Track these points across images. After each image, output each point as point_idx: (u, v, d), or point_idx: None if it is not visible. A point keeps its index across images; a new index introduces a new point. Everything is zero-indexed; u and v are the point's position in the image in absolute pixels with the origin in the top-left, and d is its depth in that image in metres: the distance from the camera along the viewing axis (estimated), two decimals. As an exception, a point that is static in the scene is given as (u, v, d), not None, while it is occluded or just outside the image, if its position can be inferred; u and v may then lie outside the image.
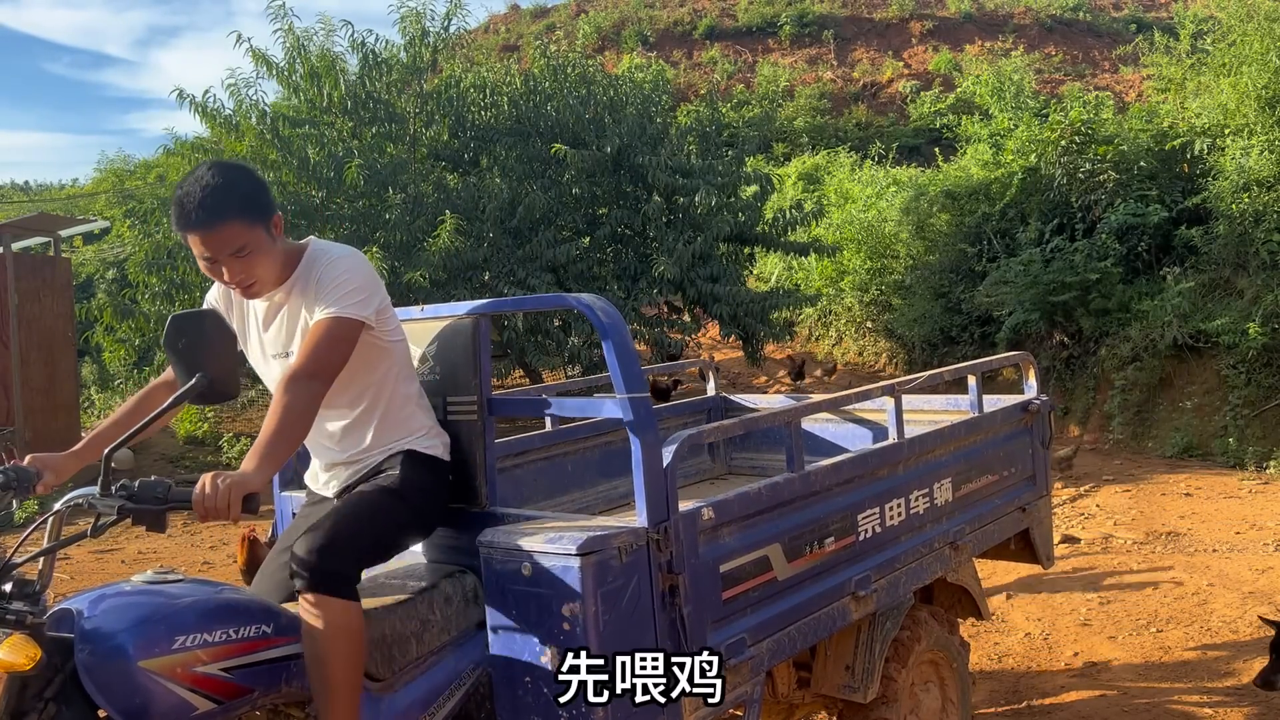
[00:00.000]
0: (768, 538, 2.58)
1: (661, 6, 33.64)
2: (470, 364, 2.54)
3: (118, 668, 1.87)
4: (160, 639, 1.91)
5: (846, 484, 2.84)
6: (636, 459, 2.28)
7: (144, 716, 1.87)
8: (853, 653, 2.92)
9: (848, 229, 15.76)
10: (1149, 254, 11.41)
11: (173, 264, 11.36)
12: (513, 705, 2.27)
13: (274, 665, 2.06)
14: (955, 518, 3.25)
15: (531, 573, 2.18)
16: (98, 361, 16.43)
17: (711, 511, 2.42)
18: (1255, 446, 9.17)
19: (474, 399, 2.51)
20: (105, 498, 1.87)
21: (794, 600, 2.65)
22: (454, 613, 2.39)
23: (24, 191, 36.80)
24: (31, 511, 9.51)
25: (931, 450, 3.16)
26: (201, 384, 1.92)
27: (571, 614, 2.14)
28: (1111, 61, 28.73)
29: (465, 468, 2.52)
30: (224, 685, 1.97)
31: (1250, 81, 10.53)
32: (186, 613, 1.98)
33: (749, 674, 2.49)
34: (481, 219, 11.17)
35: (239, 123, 11.77)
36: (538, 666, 2.20)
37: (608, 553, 2.17)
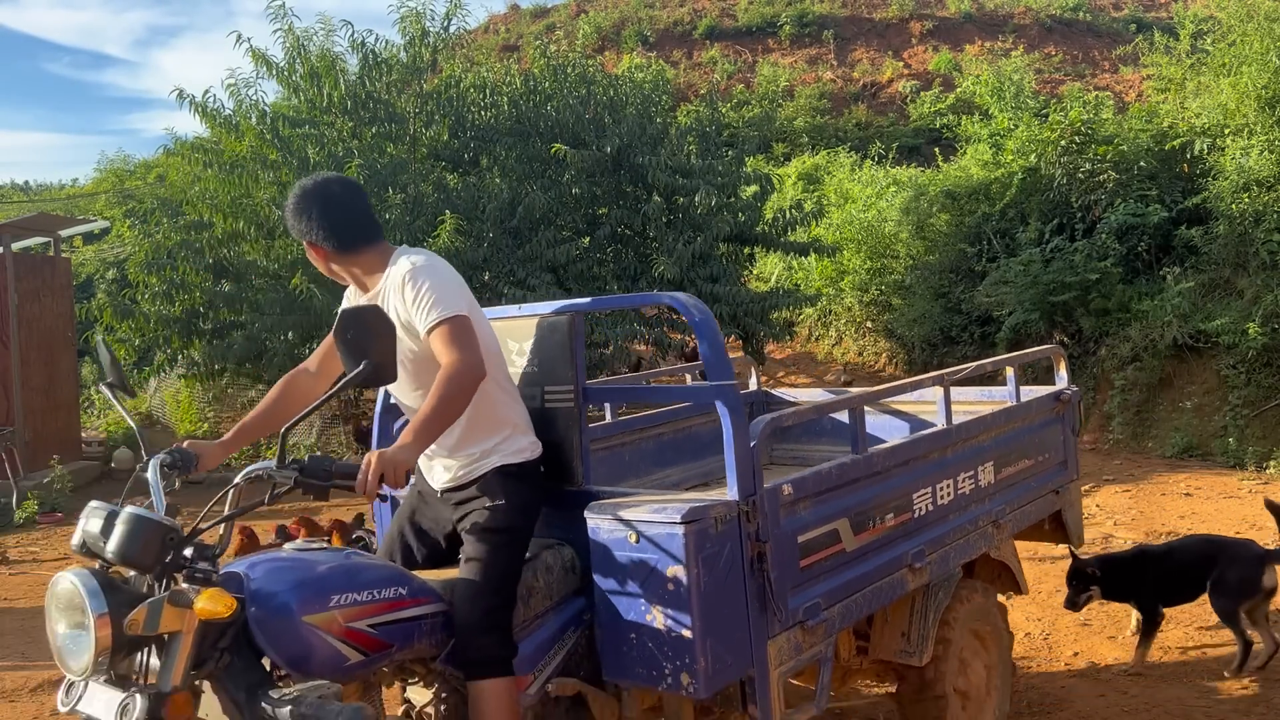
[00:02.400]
0: (837, 512, 2.84)
1: (661, 6, 33.63)
2: (567, 357, 2.81)
3: (284, 622, 2.14)
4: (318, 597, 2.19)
5: (903, 465, 3.11)
6: (728, 439, 2.52)
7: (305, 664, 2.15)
8: (908, 621, 3.18)
9: (848, 229, 15.76)
10: (1149, 254, 11.41)
11: (172, 264, 11.36)
12: (618, 658, 2.52)
13: (409, 624, 2.34)
14: (997, 498, 3.53)
15: (638, 540, 2.44)
16: (98, 361, 16.41)
17: (791, 488, 2.67)
18: (1255, 446, 9.17)
19: (570, 388, 2.78)
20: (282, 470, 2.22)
21: (860, 570, 2.91)
22: (555, 581, 2.66)
23: (24, 191, 36.80)
24: (31, 514, 9.51)
25: (976, 436, 3.44)
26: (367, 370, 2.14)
27: (675, 576, 2.39)
28: (1111, 61, 28.72)
29: (562, 450, 2.76)
30: (369, 640, 2.25)
31: (1250, 81, 10.53)
32: (338, 575, 2.27)
33: (823, 635, 2.74)
34: (481, 219, 11.17)
35: (239, 123, 11.77)
36: (643, 625, 2.44)
37: (706, 522, 2.42)
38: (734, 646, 2.46)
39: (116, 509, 2.12)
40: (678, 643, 2.39)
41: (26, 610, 6.19)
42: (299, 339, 11.35)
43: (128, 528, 2.05)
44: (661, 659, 2.42)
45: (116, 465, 11.78)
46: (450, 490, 2.65)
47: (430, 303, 2.47)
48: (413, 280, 2.51)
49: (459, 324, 2.47)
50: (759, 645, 2.53)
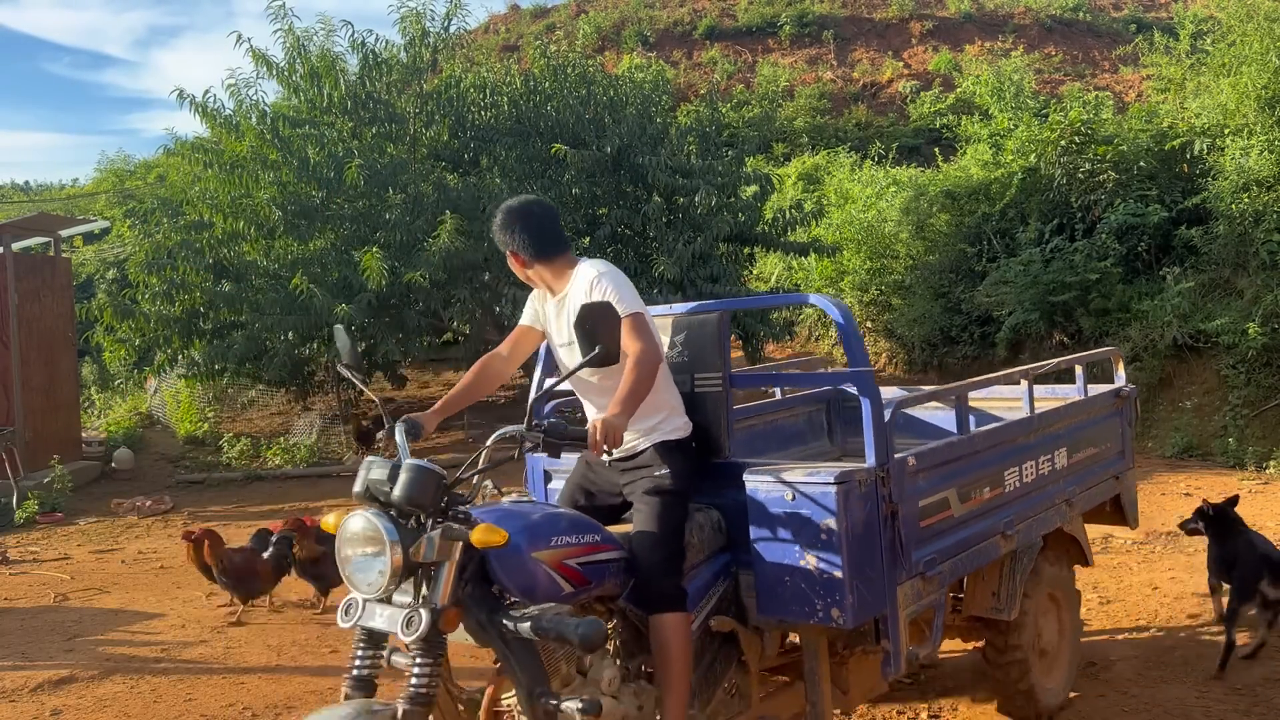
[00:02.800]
0: (947, 483, 3.34)
1: (661, 6, 33.62)
2: (716, 348, 3.27)
3: (516, 558, 2.57)
4: (541, 538, 2.64)
5: (997, 446, 3.62)
6: (867, 416, 3.02)
7: (532, 593, 2.58)
8: (999, 582, 3.67)
9: (847, 229, 15.75)
10: (1149, 254, 11.41)
11: (173, 264, 11.36)
12: (774, 598, 2.97)
13: (602, 565, 2.78)
14: (1068, 480, 4.02)
15: (794, 498, 2.91)
16: (98, 361, 16.42)
17: (914, 460, 3.16)
18: (1255, 446, 9.17)
19: (719, 375, 3.24)
20: (530, 432, 2.60)
21: (965, 533, 3.41)
22: (706, 538, 3.09)
23: (24, 191, 36.79)
24: (31, 514, 9.51)
25: (1052, 425, 3.93)
26: (601, 353, 2.59)
27: (828, 527, 2.85)
28: (1111, 61, 28.72)
29: (711, 428, 3.19)
30: (577, 575, 2.69)
31: (1250, 81, 10.53)
32: (553, 521, 2.74)
33: (937, 585, 3.26)
34: (481, 219, 11.17)
35: (239, 123, 11.77)
36: (797, 568, 2.91)
37: (853, 483, 2.90)
38: (873, 588, 2.95)
39: (398, 462, 2.56)
40: (829, 583, 2.86)
41: (27, 610, 6.19)
42: (299, 339, 11.35)
43: (411, 475, 2.50)
44: (814, 597, 2.89)
45: (117, 465, 11.77)
46: (620, 460, 3.09)
47: (616, 299, 2.88)
48: (599, 282, 2.95)
49: (641, 318, 2.92)
50: (890, 589, 3.02)
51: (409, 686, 2.50)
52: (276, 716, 4.29)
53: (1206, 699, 4.05)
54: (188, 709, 4.42)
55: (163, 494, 10.46)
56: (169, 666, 5.03)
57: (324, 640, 5.35)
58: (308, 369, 13.01)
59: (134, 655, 5.23)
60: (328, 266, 11.04)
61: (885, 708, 4.14)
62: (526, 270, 3.13)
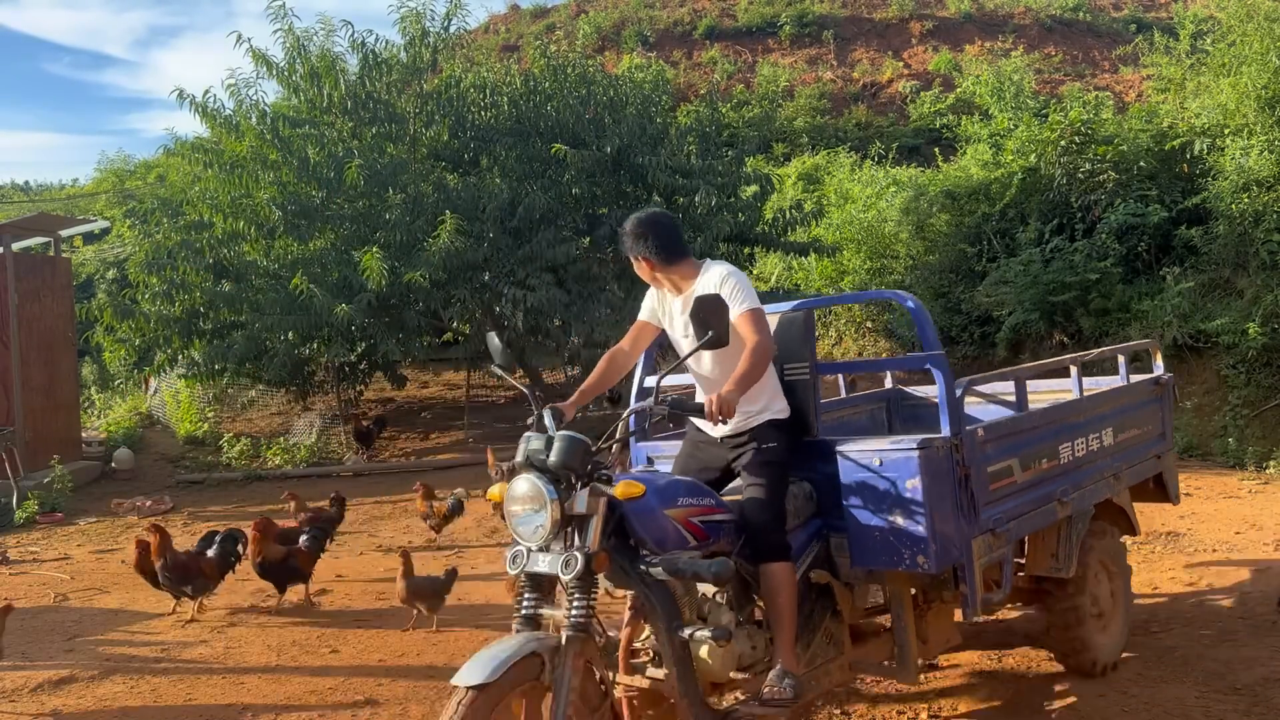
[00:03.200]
0: (1011, 453, 3.81)
1: (661, 6, 33.61)
2: (804, 341, 3.77)
3: (651, 514, 3.06)
4: (671, 498, 3.13)
5: (1051, 423, 4.09)
6: (941, 393, 3.55)
7: (663, 543, 3.06)
8: (1056, 544, 4.11)
9: (848, 229, 15.74)
10: (1149, 254, 11.41)
11: (173, 264, 11.36)
12: (866, 550, 3.43)
13: (717, 524, 3.26)
14: (1115, 457, 4.49)
15: (881, 463, 3.37)
16: (98, 361, 16.42)
17: (982, 431, 3.67)
18: (1255, 446, 9.17)
19: (807, 365, 3.72)
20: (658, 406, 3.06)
21: (1027, 498, 3.88)
22: (800, 506, 3.55)
23: (24, 191, 36.78)
24: (31, 514, 9.51)
25: (1098, 406, 4.43)
26: (714, 338, 3.04)
27: (912, 487, 3.31)
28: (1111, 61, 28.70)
29: (801, 411, 3.64)
30: (699, 530, 3.17)
31: (1250, 81, 10.53)
32: (679, 485, 3.24)
33: (1005, 541, 3.70)
34: (481, 219, 11.16)
35: (239, 123, 11.77)
36: (886, 524, 3.37)
37: (932, 450, 3.36)
38: (951, 540, 3.40)
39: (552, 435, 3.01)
40: (914, 536, 3.32)
41: (27, 610, 6.19)
42: (299, 339, 11.35)
43: (564, 444, 2.96)
44: (902, 548, 3.35)
45: (117, 465, 11.77)
46: (729, 438, 3.55)
47: (741, 296, 3.38)
48: (727, 280, 3.44)
49: (759, 313, 3.38)
50: (966, 541, 3.49)
51: (570, 619, 2.89)
52: (276, 716, 4.29)
53: (1206, 699, 4.04)
54: (188, 709, 4.42)
55: (163, 494, 10.46)
56: (169, 666, 5.03)
57: (324, 640, 5.35)
58: (308, 369, 13.01)
59: (134, 655, 5.23)
60: (328, 266, 11.04)
61: (885, 708, 4.14)
62: (654, 273, 3.59)
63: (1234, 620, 4.95)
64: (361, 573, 6.85)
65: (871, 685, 4.41)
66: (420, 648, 5.15)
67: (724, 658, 3.21)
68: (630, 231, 3.56)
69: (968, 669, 4.60)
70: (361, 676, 4.72)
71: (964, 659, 4.71)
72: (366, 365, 13.11)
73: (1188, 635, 4.80)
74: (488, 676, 2.67)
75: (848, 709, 4.16)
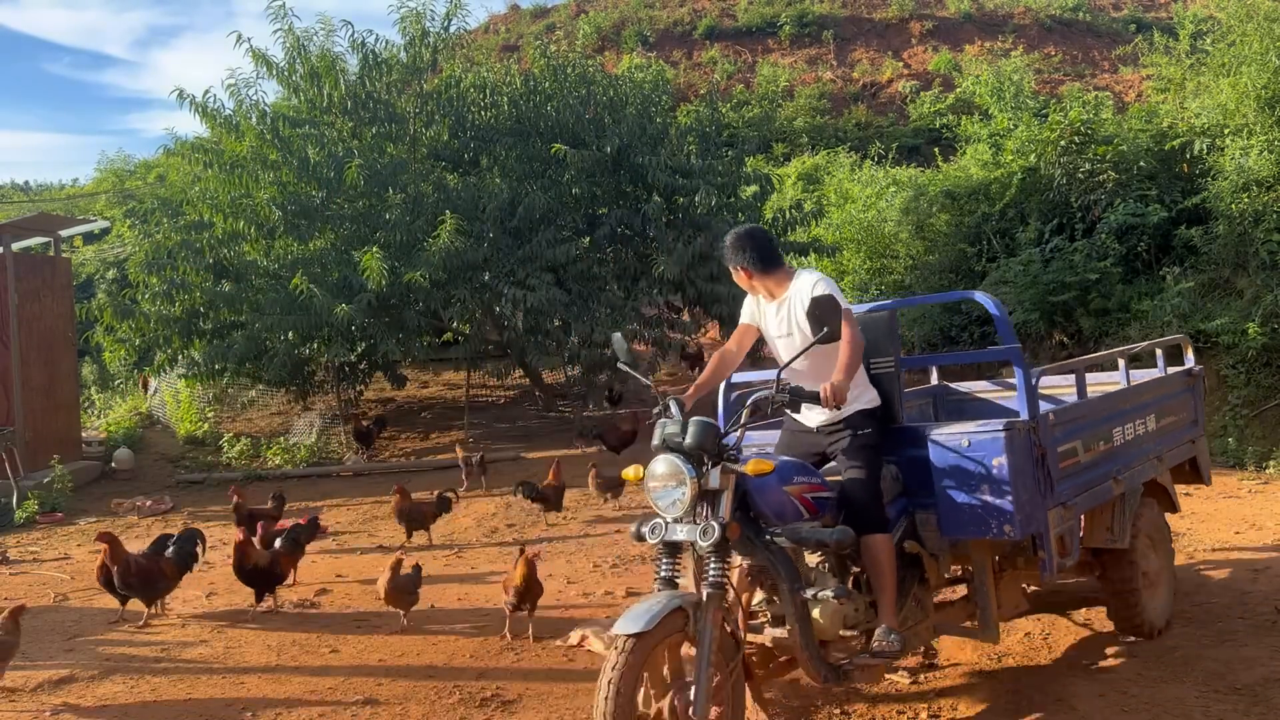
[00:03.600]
0: (1075, 435, 4.28)
1: (661, 6, 33.60)
2: (888, 338, 4.21)
3: (773, 490, 3.53)
4: (788, 476, 3.61)
5: (1106, 409, 4.64)
6: (1020, 381, 4.05)
7: (782, 516, 3.56)
8: (1111, 518, 4.55)
9: (847, 229, 15.73)
10: (1149, 254, 11.41)
11: (173, 264, 11.36)
12: (956, 522, 3.88)
13: (824, 500, 3.73)
14: (1157, 440, 5.01)
15: (969, 444, 3.81)
16: (98, 361, 16.42)
17: (1053, 415, 4.15)
18: (1255, 446, 9.16)
19: (891, 359, 4.18)
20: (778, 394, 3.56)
21: (1089, 476, 4.36)
22: (889, 486, 3.96)
23: (24, 191, 36.76)
24: (31, 514, 9.51)
25: (1142, 395, 4.98)
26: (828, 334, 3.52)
27: (998, 465, 3.74)
28: (1111, 61, 28.70)
29: (888, 401, 4.07)
30: (812, 505, 3.66)
31: (1250, 81, 10.52)
32: (794, 466, 3.74)
33: (1073, 514, 4.20)
34: (481, 219, 11.16)
35: (239, 123, 11.77)
36: (974, 497, 3.80)
37: (1014, 430, 3.80)
38: (1032, 510, 3.85)
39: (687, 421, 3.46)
40: (1001, 507, 3.75)
41: (27, 610, 6.18)
42: (299, 339, 11.35)
43: (698, 428, 3.42)
44: (989, 518, 3.78)
45: (117, 465, 11.77)
46: (824, 426, 3.99)
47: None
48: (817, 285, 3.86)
49: (849, 313, 3.79)
50: (1043, 512, 3.93)
51: (709, 580, 3.34)
52: (276, 716, 4.29)
53: (1206, 699, 4.04)
54: (188, 709, 4.42)
55: (163, 494, 10.46)
56: (169, 666, 5.03)
57: (324, 640, 5.36)
58: (308, 369, 13.01)
59: (134, 655, 5.23)
60: (328, 266, 11.04)
61: (885, 708, 4.14)
62: (751, 281, 4.06)
63: (1234, 620, 4.95)
64: (361, 573, 6.85)
65: (871, 685, 4.41)
66: (420, 648, 5.15)
67: (836, 617, 3.66)
68: (731, 244, 4.04)
69: (968, 669, 4.60)
70: (361, 676, 4.72)
71: (964, 659, 4.71)
72: (366, 365, 13.12)
73: (1188, 635, 4.79)
74: (644, 626, 3.11)
75: (848, 709, 4.16)
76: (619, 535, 7.43)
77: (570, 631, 5.13)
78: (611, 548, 7.09)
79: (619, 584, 6.18)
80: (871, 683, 3.90)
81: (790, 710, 4.20)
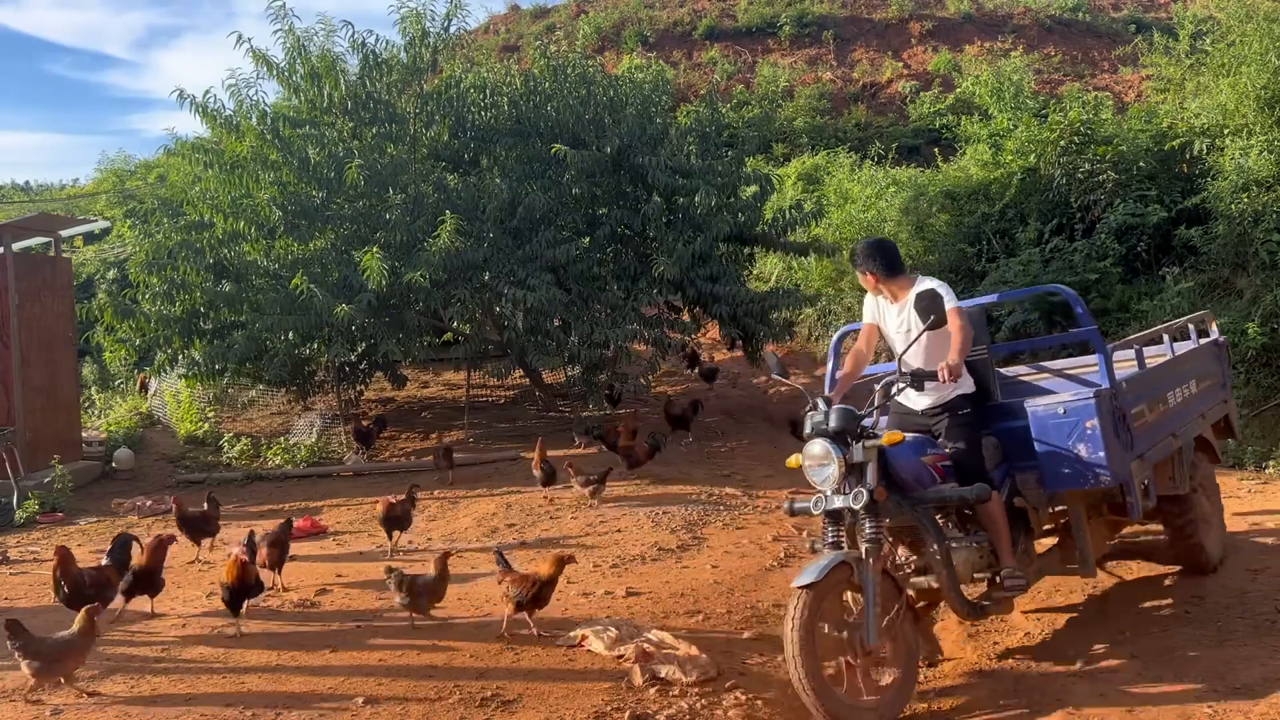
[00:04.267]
0: (1141, 399, 5.03)
1: (661, 6, 33.61)
2: (980, 330, 4.95)
3: (911, 459, 4.36)
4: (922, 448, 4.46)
5: (1161, 376, 5.43)
6: (1100, 357, 4.92)
7: (920, 481, 4.37)
8: (1172, 469, 5.35)
9: (847, 229, 15.74)
10: (1148, 254, 11.42)
11: (173, 264, 11.36)
12: (1057, 476, 4.63)
13: (948, 467, 4.52)
14: (1200, 400, 5.88)
15: (1065, 411, 4.59)
16: (98, 361, 16.42)
17: (1125, 384, 4.92)
18: (1255, 446, 9.17)
19: (984, 347, 5.00)
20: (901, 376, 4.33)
21: (1155, 433, 5.12)
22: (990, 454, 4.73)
23: (24, 191, 36.76)
24: (32, 514, 9.51)
25: (1185, 364, 5.80)
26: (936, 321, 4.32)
27: (1090, 427, 4.52)
28: (1111, 62, 28.71)
29: (983, 383, 4.91)
30: (941, 472, 4.48)
31: (1249, 82, 10.53)
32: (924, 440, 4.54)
33: (1148, 464, 4.94)
34: (481, 219, 11.16)
35: (239, 123, 11.76)
36: (1072, 454, 4.57)
37: (1102, 396, 4.59)
38: (1120, 463, 4.60)
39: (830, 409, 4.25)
40: (1095, 460, 4.52)
41: (27, 610, 6.19)
42: (299, 339, 11.34)
43: (841, 413, 4.22)
44: (1086, 471, 4.55)
45: (117, 465, 11.77)
46: (929, 409, 4.76)
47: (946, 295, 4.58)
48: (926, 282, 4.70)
49: (959, 309, 4.59)
50: (1127, 465, 4.66)
51: (866, 536, 4.10)
52: (277, 716, 4.30)
53: (1207, 699, 4.05)
54: (188, 709, 4.42)
55: (163, 494, 10.46)
56: (169, 666, 5.03)
57: (324, 640, 5.36)
58: (308, 369, 13.00)
59: (134, 655, 5.23)
60: (328, 266, 11.04)
61: (885, 707, 4.14)
62: (878, 284, 4.86)
63: (1234, 620, 4.95)
64: (361, 573, 6.85)
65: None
66: (420, 648, 5.16)
67: (970, 563, 4.48)
68: (863, 252, 4.91)
69: (968, 669, 4.61)
70: (361, 676, 4.72)
71: (964, 658, 4.72)
72: (367, 365, 13.11)
73: (1188, 635, 4.80)
74: (816, 578, 3.90)
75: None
76: (619, 535, 7.44)
77: (570, 631, 5.13)
78: (611, 548, 7.09)
79: (619, 584, 6.19)
80: (1005, 612, 4.68)
81: (791, 710, 4.21)
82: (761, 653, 4.88)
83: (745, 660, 4.78)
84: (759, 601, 5.73)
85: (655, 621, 5.31)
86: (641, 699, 4.30)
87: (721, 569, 6.39)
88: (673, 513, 7.93)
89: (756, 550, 6.83)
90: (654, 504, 8.30)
